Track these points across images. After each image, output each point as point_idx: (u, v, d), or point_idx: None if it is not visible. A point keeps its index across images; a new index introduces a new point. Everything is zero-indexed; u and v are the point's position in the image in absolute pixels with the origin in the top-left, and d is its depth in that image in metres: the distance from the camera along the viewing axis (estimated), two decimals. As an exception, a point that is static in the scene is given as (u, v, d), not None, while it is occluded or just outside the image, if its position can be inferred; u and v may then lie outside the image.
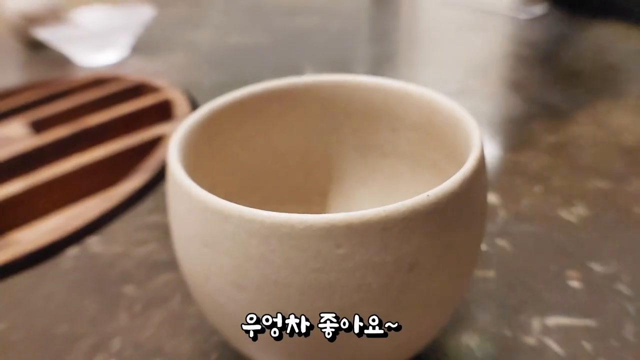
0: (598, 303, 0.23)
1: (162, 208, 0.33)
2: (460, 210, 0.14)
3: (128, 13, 0.63)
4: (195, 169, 0.18)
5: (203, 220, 0.14)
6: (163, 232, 0.30)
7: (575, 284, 0.24)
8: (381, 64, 0.55)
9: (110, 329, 0.24)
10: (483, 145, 0.16)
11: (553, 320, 0.22)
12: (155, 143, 0.40)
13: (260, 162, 0.24)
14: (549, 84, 0.46)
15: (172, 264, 0.28)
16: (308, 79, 0.22)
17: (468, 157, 0.16)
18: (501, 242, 0.27)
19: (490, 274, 0.25)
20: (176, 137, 0.18)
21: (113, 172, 0.38)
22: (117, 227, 0.31)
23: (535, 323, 0.22)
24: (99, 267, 0.28)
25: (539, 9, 0.65)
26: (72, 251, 0.29)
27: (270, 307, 0.14)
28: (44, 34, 0.56)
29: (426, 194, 0.13)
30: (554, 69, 0.50)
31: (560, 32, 0.61)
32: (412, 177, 0.23)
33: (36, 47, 0.63)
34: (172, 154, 0.17)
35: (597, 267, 0.25)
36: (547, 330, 0.22)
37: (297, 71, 0.53)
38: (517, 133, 0.38)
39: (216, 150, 0.21)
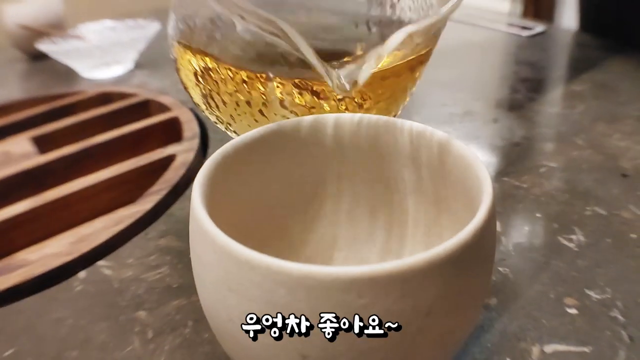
0: (594, 330, 0.24)
1: (173, 231, 0.33)
2: (473, 259, 0.15)
3: (133, 27, 0.63)
4: (215, 206, 0.19)
5: (228, 267, 0.15)
6: (175, 257, 0.31)
7: (573, 311, 0.25)
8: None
9: (121, 356, 0.24)
10: (492, 190, 0.17)
11: (551, 347, 0.23)
12: (164, 163, 0.41)
13: (275, 195, 0.24)
14: (549, 106, 0.47)
15: (184, 289, 0.28)
16: (319, 116, 0.23)
17: (478, 200, 0.17)
18: (504, 270, 0.28)
19: (493, 301, 0.26)
20: (198, 180, 0.18)
21: (122, 192, 0.39)
22: (128, 251, 0.32)
23: (535, 350, 0.23)
24: (109, 292, 0.28)
25: (539, 27, 0.66)
26: (82, 275, 0.30)
27: (293, 350, 0.15)
28: (47, 47, 0.56)
29: (442, 246, 0.14)
30: (554, 90, 0.51)
31: (560, 50, 0.62)
32: (420, 212, 0.24)
33: (39, 57, 0.64)
34: (196, 198, 0.17)
35: (593, 294, 0.26)
36: (545, 358, 0.23)
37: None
38: (518, 158, 0.39)
39: (234, 186, 0.22)
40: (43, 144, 0.44)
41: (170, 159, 0.41)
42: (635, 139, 0.40)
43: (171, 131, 0.47)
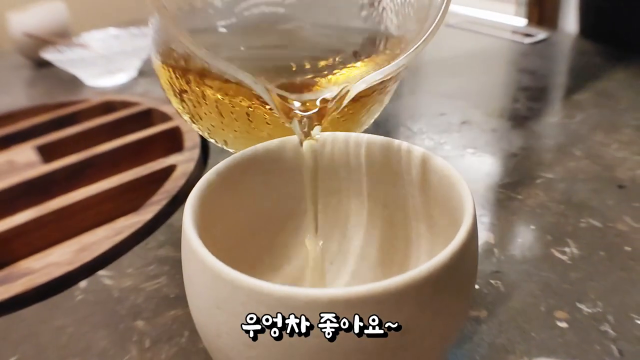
0: (583, 343, 0.24)
1: (172, 241, 0.34)
2: (450, 280, 0.16)
3: (136, 36, 0.64)
4: (206, 224, 0.20)
5: (216, 287, 0.16)
6: (172, 267, 0.31)
7: (563, 324, 0.25)
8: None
9: (120, 364, 0.25)
10: (474, 213, 0.17)
11: None
12: (165, 173, 0.42)
13: (267, 211, 0.25)
14: (549, 115, 0.48)
15: (181, 299, 0.29)
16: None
17: (460, 219, 0.18)
18: (495, 282, 0.29)
19: (483, 313, 0.27)
20: (190, 202, 0.19)
21: (123, 201, 0.40)
22: (128, 260, 0.33)
23: (524, 364, 0.24)
24: (109, 301, 0.29)
25: (541, 34, 0.66)
26: (84, 284, 0.30)
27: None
28: (51, 55, 0.57)
29: (418, 269, 0.15)
30: (554, 99, 0.52)
31: (559, 58, 0.62)
32: (409, 226, 0.24)
33: (44, 64, 0.65)
34: (187, 220, 0.18)
35: (584, 308, 0.26)
36: None
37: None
38: (515, 169, 0.39)
39: (226, 203, 0.22)
40: (47, 152, 0.45)
41: (170, 169, 0.42)
42: (632, 149, 0.40)
43: (172, 140, 0.48)
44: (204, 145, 0.47)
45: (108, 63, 0.58)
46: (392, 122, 0.49)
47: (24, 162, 0.43)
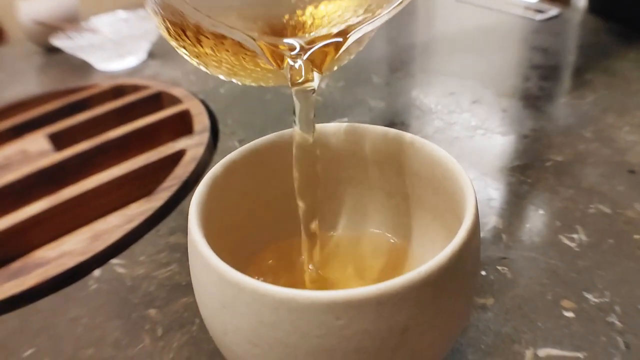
0: (589, 335, 0.24)
1: (183, 228, 0.34)
2: (451, 280, 0.16)
3: (145, 18, 0.64)
4: (212, 221, 0.20)
5: (221, 287, 0.16)
6: (184, 254, 0.32)
7: (569, 314, 0.25)
8: (396, 71, 0.56)
9: (133, 353, 0.26)
10: (476, 211, 0.17)
11: (545, 352, 0.24)
12: (175, 158, 0.42)
13: (274, 200, 0.25)
14: (560, 95, 0.47)
15: (191, 287, 0.29)
16: (319, 126, 0.24)
17: (463, 214, 0.18)
18: (502, 269, 0.29)
19: (490, 301, 0.27)
20: (194, 201, 0.19)
21: (134, 187, 0.40)
22: (140, 248, 0.33)
23: (529, 354, 0.24)
24: (122, 290, 0.30)
25: (553, 10, 0.65)
26: (97, 273, 0.31)
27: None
28: (61, 42, 0.58)
29: (417, 270, 0.15)
30: (565, 78, 0.50)
31: (571, 36, 0.61)
32: (415, 216, 0.24)
33: (54, 50, 0.65)
34: (193, 220, 0.18)
35: (591, 297, 0.26)
36: None
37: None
38: (525, 151, 0.39)
39: (233, 195, 0.23)
40: (59, 140, 0.45)
41: (180, 154, 0.42)
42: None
43: (182, 124, 0.48)
44: (214, 128, 0.47)
45: (118, 47, 0.58)
46: (401, 101, 0.49)
47: (36, 151, 0.44)
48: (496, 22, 0.67)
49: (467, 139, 0.41)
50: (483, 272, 0.28)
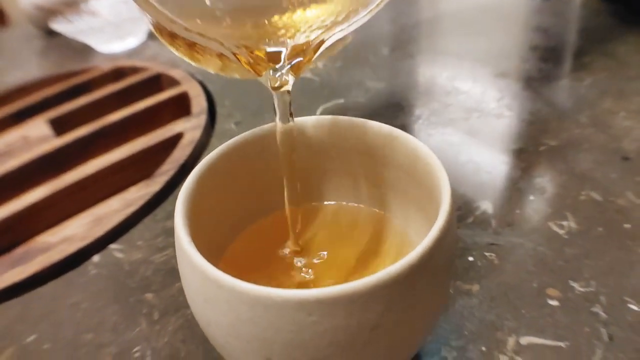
0: (573, 325, 0.25)
1: (179, 213, 0.35)
2: (421, 278, 0.16)
3: None
4: (199, 215, 0.21)
5: (203, 284, 0.17)
6: (179, 239, 0.33)
7: (554, 302, 0.26)
8: (394, 51, 0.55)
9: (131, 337, 0.27)
10: (450, 210, 0.18)
11: (527, 340, 0.24)
12: (173, 141, 0.43)
13: (261, 187, 0.26)
14: (558, 78, 0.46)
15: (186, 273, 0.30)
16: (306, 119, 0.24)
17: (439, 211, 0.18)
18: (490, 255, 0.29)
19: (475, 287, 0.27)
20: (181, 198, 0.20)
21: (133, 171, 0.41)
22: (138, 233, 0.34)
23: (511, 341, 0.24)
24: (120, 275, 0.31)
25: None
26: (96, 259, 0.32)
27: (259, 355, 0.17)
28: (60, 26, 0.58)
29: (386, 270, 0.15)
30: (564, 60, 0.50)
31: (573, 17, 0.59)
32: (399, 206, 0.24)
33: (55, 33, 0.65)
34: (178, 216, 0.19)
35: (577, 287, 0.26)
36: (520, 350, 0.24)
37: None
38: (520, 134, 0.39)
39: (220, 190, 0.23)
40: (59, 125, 0.46)
41: (178, 137, 0.43)
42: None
43: (181, 106, 0.49)
44: (211, 109, 0.47)
45: (117, 29, 0.58)
46: (399, 82, 0.48)
47: (37, 136, 0.45)
48: (497, 2, 0.65)
49: (463, 121, 0.41)
50: (470, 258, 0.29)
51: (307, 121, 0.24)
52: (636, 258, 0.28)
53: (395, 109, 0.44)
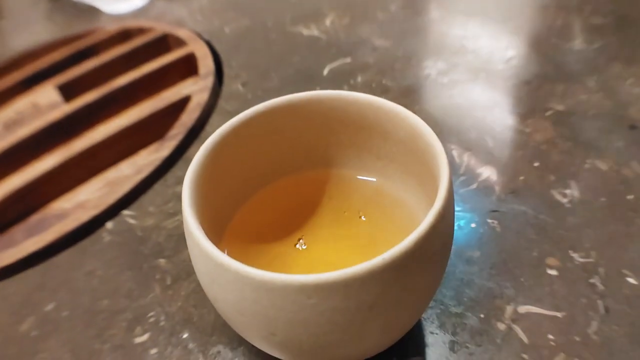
0: (570, 295, 0.25)
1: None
2: (416, 263, 0.17)
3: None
4: (209, 186, 0.22)
5: (208, 265, 0.18)
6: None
7: (553, 272, 0.26)
8: (404, 8, 0.54)
9: (145, 302, 0.28)
10: (449, 193, 0.18)
11: (525, 308, 0.25)
12: (181, 104, 0.43)
13: (267, 161, 0.26)
14: (567, 39, 0.45)
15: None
16: (309, 94, 0.24)
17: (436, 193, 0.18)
18: (492, 222, 0.29)
19: (476, 254, 0.28)
20: (187, 180, 0.20)
21: (142, 135, 0.42)
22: (149, 199, 0.35)
23: (509, 309, 0.25)
24: (134, 241, 0.32)
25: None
26: (110, 225, 0.33)
27: (264, 330, 0.18)
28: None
29: (382, 256, 0.16)
30: (576, 20, 0.48)
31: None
32: (400, 178, 0.25)
33: None
34: (186, 201, 0.19)
35: (577, 257, 0.27)
36: (517, 318, 0.24)
37: (318, 16, 0.53)
38: (526, 97, 0.38)
39: (226, 166, 0.24)
40: (68, 91, 0.46)
41: (186, 100, 0.43)
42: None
43: (188, 67, 0.48)
44: (219, 70, 0.47)
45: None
46: (406, 41, 0.47)
47: (46, 103, 0.45)
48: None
49: (469, 82, 0.40)
50: (473, 225, 0.29)
51: (314, 95, 0.24)
52: (637, 230, 0.28)
53: (403, 69, 0.43)
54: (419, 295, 0.18)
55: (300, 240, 0.25)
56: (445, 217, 0.18)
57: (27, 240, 0.32)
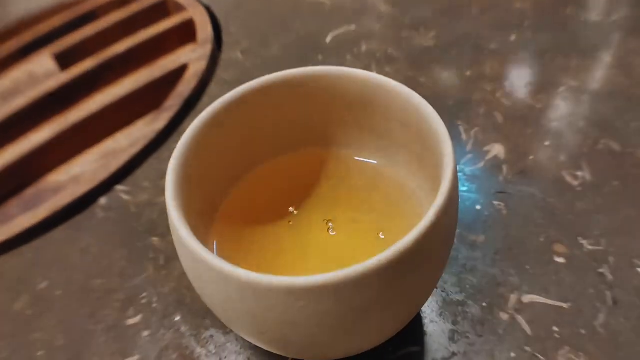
0: (577, 285, 0.24)
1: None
2: (413, 263, 0.16)
3: None
4: (197, 172, 0.21)
5: (194, 263, 0.17)
6: (184, 180, 0.33)
7: (560, 259, 0.25)
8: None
9: (139, 282, 0.27)
10: (453, 185, 0.17)
11: (529, 298, 0.24)
12: (178, 73, 0.41)
13: (263, 139, 0.25)
14: (584, 10, 0.42)
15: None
16: (308, 70, 0.23)
17: (440, 180, 0.17)
18: (498, 204, 0.28)
19: (481, 238, 0.26)
20: (171, 168, 0.19)
21: (138, 106, 0.40)
22: (143, 173, 0.34)
23: (513, 298, 0.24)
24: (128, 218, 0.31)
25: None
26: (103, 201, 0.32)
27: (253, 330, 0.17)
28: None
29: (377, 257, 0.15)
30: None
31: None
32: (404, 161, 0.24)
33: None
34: (169, 192, 0.18)
35: (585, 244, 0.25)
36: (521, 308, 0.23)
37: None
38: (539, 71, 0.36)
39: (218, 139, 0.22)
40: (64, 59, 0.45)
41: (183, 68, 0.42)
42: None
43: (187, 33, 0.47)
44: (218, 36, 0.45)
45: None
46: (413, 8, 0.45)
47: (43, 72, 0.44)
48: None
49: (479, 55, 0.38)
50: (478, 207, 0.28)
51: (311, 72, 0.23)
52: (650, 218, 0.26)
53: (409, 38, 0.41)
54: (418, 294, 0.17)
55: (291, 218, 0.24)
56: (448, 213, 0.16)
57: (21, 216, 0.31)
